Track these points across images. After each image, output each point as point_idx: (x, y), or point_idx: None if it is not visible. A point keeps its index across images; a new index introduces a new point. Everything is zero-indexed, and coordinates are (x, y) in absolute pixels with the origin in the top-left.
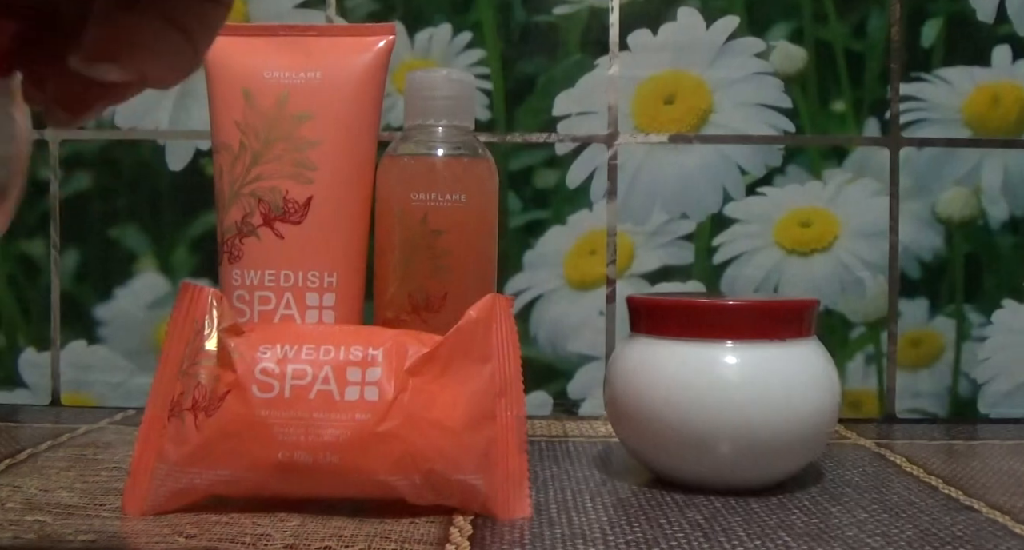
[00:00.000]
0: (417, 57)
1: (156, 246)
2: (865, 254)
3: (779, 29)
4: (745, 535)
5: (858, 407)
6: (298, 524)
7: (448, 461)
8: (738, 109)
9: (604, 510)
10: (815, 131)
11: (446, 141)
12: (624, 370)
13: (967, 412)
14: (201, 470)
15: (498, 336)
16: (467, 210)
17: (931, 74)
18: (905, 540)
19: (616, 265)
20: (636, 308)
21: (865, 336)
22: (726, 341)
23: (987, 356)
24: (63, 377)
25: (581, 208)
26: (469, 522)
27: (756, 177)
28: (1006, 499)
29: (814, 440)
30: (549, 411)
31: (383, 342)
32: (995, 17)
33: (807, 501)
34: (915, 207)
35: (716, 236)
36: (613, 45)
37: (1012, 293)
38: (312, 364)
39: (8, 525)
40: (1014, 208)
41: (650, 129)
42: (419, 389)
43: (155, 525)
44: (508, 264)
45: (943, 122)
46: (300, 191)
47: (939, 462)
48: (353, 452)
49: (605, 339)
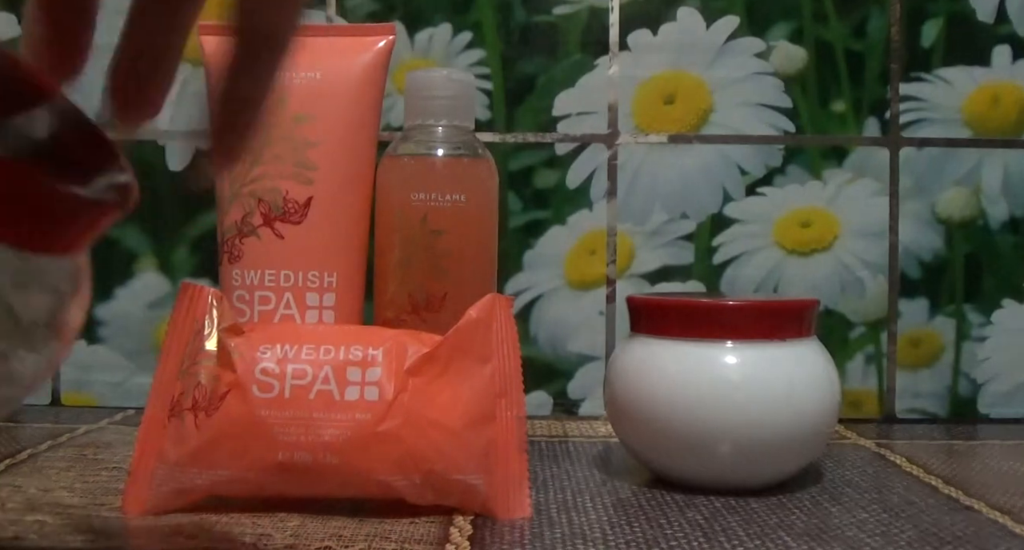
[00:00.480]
0: (417, 57)
1: (156, 246)
2: (865, 254)
3: (779, 29)
4: (745, 535)
5: (858, 407)
6: (298, 524)
7: (448, 461)
8: (738, 109)
9: (604, 510)
10: (815, 131)
11: (446, 141)
12: (624, 370)
13: (967, 412)
14: (201, 470)
15: (498, 336)
16: (467, 210)
17: (931, 74)
18: (905, 540)
19: (616, 265)
20: (636, 308)
21: (865, 336)
22: (726, 341)
23: (987, 356)
24: (63, 377)
25: (581, 208)
26: (469, 522)
27: (756, 177)
28: (1006, 499)
29: (814, 440)
30: (549, 411)
31: (383, 342)
32: (995, 17)
33: (807, 501)
34: (915, 207)
35: (716, 236)
36: (613, 45)
37: (1012, 293)
38: (312, 364)
39: (8, 525)
40: (1014, 208)
41: (650, 129)
42: (419, 389)
43: (155, 525)
44: (508, 264)
45: (943, 122)
46: (300, 191)
47: (939, 462)
48: (353, 452)
49: (605, 339)
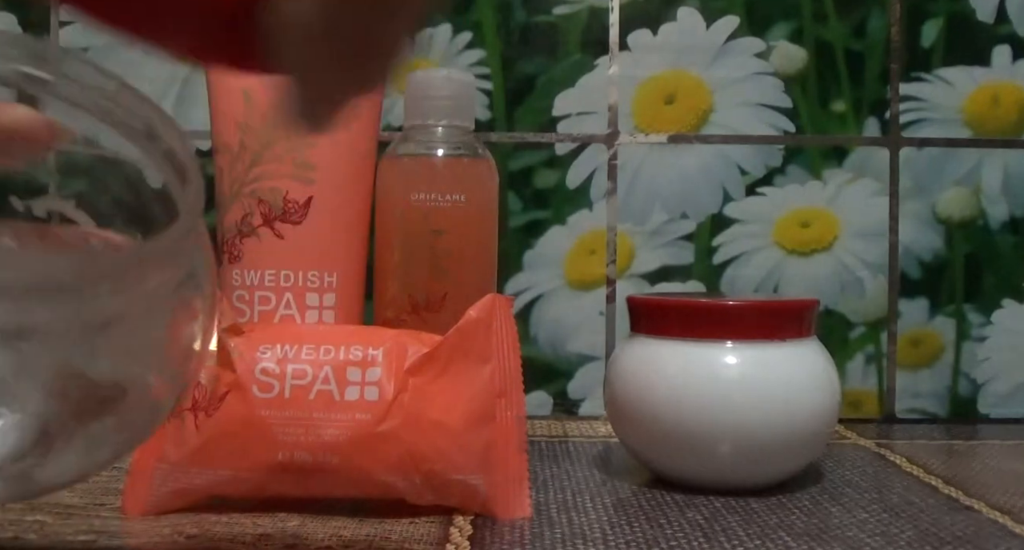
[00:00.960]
0: (417, 57)
1: None
2: (865, 254)
3: (779, 29)
4: (745, 535)
5: (858, 407)
6: (298, 524)
7: (448, 461)
8: (738, 109)
9: (604, 510)
10: (815, 131)
11: (446, 141)
12: (624, 370)
13: (967, 412)
14: (201, 470)
15: (498, 336)
16: (467, 210)
17: (931, 74)
18: (905, 540)
19: (616, 265)
20: (636, 308)
21: (865, 336)
22: (726, 341)
23: (987, 356)
24: None
25: (581, 208)
26: (469, 522)
27: (756, 177)
28: (1006, 499)
29: (814, 440)
30: (549, 411)
31: (383, 342)
32: (995, 17)
33: (807, 501)
34: (915, 207)
35: (716, 236)
36: (613, 45)
37: (1012, 293)
38: (312, 364)
39: (8, 525)
40: (1014, 208)
41: (650, 129)
42: (419, 389)
43: (155, 525)
44: (508, 264)
45: (943, 122)
46: (300, 191)
47: (939, 462)
48: (353, 452)
49: (605, 339)
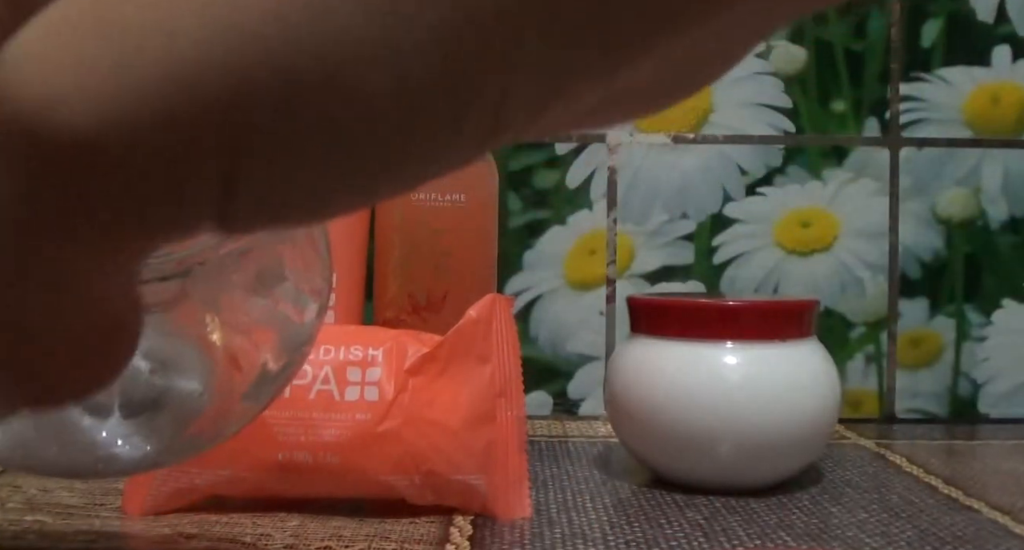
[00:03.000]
0: None
1: None
2: (865, 254)
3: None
4: (745, 535)
5: (858, 407)
6: (298, 524)
7: (448, 461)
8: (738, 109)
9: (604, 510)
10: (815, 131)
11: None
12: (624, 370)
13: (967, 412)
14: (201, 470)
15: (498, 336)
16: (467, 210)
17: (931, 74)
18: (905, 540)
19: (616, 265)
20: (636, 308)
21: (865, 336)
22: (726, 341)
23: (987, 356)
24: None
25: (581, 208)
26: (469, 522)
27: (756, 177)
28: (1006, 499)
29: (814, 440)
30: (549, 411)
31: (383, 342)
32: (995, 17)
33: (807, 501)
34: (915, 207)
35: (716, 236)
36: None
37: (1012, 293)
38: (312, 364)
39: (8, 525)
40: (1014, 208)
41: (650, 129)
42: (419, 389)
43: (155, 525)
44: (508, 264)
45: (943, 122)
46: None
47: (939, 462)
48: (353, 452)
49: (605, 339)
